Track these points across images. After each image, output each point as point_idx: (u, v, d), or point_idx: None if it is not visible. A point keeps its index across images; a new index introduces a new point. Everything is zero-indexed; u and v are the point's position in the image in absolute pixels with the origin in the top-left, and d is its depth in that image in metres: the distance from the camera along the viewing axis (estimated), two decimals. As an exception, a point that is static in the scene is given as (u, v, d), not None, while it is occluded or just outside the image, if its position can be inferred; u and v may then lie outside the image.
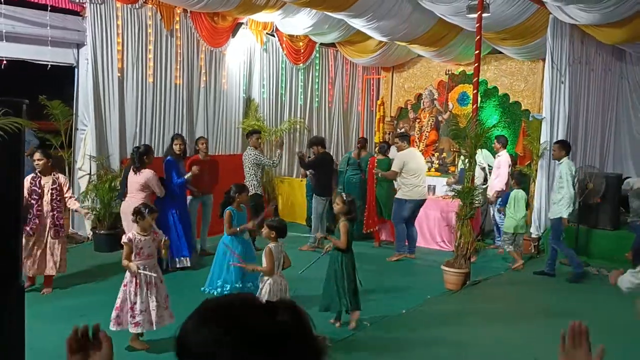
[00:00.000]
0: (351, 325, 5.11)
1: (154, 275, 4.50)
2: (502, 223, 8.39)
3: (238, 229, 5.42)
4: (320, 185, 8.19)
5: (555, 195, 7.22)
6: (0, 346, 2.78)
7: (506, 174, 8.36)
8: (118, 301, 4.49)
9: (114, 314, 4.46)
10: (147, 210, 4.68)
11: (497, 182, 8.46)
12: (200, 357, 0.94)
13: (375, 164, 8.36)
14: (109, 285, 6.13)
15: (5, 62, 7.02)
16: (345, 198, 5.32)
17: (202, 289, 5.38)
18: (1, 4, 6.79)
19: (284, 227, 4.79)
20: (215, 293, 5.24)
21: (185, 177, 6.84)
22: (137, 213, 4.66)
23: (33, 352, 3.25)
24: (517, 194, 7.64)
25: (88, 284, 6.18)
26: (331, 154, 9.56)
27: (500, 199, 8.17)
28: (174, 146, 7.04)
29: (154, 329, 4.49)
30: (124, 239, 4.55)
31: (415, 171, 7.71)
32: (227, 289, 5.23)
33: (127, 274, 4.53)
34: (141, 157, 6.43)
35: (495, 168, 8.53)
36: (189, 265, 6.81)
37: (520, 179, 7.84)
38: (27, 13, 7.12)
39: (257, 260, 5.38)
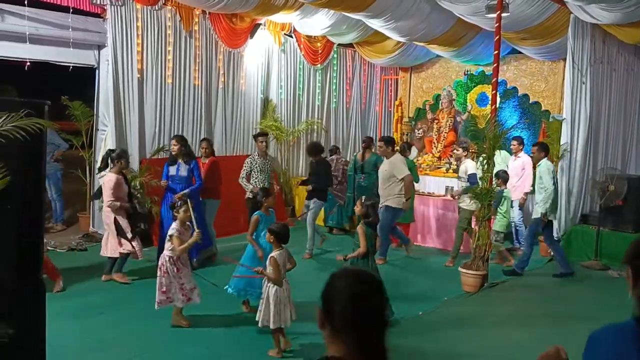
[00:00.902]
0: None
1: None
2: (521, 225, 8.28)
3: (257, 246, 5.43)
4: (316, 190, 7.68)
5: (537, 196, 7.26)
6: (22, 342, 2.83)
7: (531, 176, 8.23)
8: (162, 286, 4.93)
9: (162, 296, 4.91)
10: (179, 204, 5.18)
11: (525, 184, 8.27)
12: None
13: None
14: (127, 285, 6.23)
15: (29, 63, 7.16)
16: (364, 202, 5.35)
17: (225, 287, 5.42)
18: (25, 6, 6.91)
19: (285, 233, 4.66)
20: (237, 294, 5.36)
21: (177, 195, 6.54)
22: (172, 207, 5.22)
23: (52, 349, 3.30)
24: (508, 193, 7.65)
25: (106, 282, 6.26)
26: (342, 155, 9.44)
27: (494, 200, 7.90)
28: (172, 147, 6.97)
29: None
30: (172, 231, 5.02)
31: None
32: (250, 292, 5.28)
33: (167, 262, 4.94)
34: (105, 160, 6.51)
35: (518, 169, 8.31)
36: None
37: (506, 178, 7.82)
38: (50, 15, 7.25)
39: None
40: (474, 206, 7.07)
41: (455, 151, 8.20)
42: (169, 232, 5.06)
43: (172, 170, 6.84)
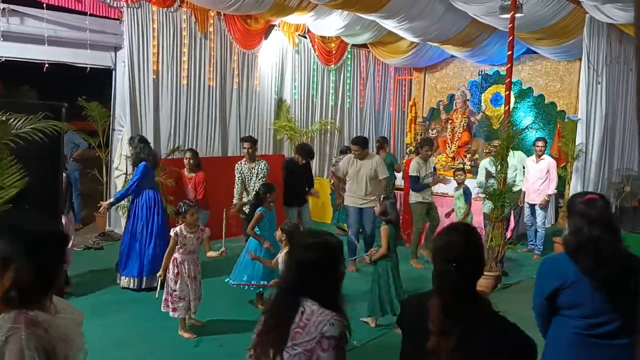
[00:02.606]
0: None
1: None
2: (542, 228, 8.15)
3: (263, 242, 5.44)
4: (288, 194, 7.28)
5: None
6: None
7: (556, 178, 8.10)
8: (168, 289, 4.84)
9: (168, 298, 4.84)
10: (184, 206, 4.89)
11: (549, 187, 8.02)
12: None
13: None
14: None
15: (47, 65, 7.29)
16: (382, 200, 5.40)
17: (226, 280, 5.48)
18: (44, 9, 7.04)
19: (297, 232, 4.65)
20: (237, 286, 5.40)
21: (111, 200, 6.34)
22: (178, 213, 4.96)
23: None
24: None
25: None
26: None
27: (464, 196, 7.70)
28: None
29: (192, 315, 4.96)
30: (171, 232, 4.86)
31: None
32: (253, 283, 5.32)
33: (170, 266, 4.82)
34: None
35: (542, 172, 7.98)
36: (134, 287, 5.97)
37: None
38: (68, 18, 7.37)
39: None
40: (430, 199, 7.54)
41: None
42: (170, 232, 4.91)
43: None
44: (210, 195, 7.30)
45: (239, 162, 7.03)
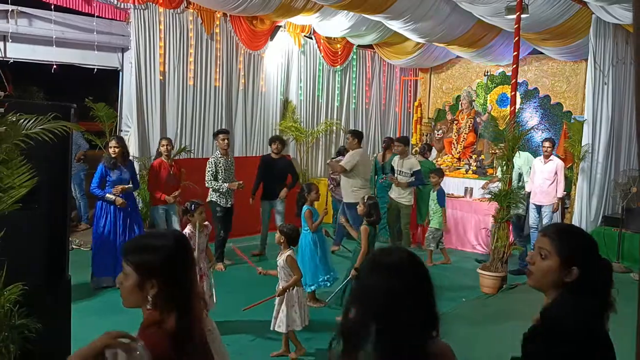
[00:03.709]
0: None
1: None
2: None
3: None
4: (263, 189, 7.55)
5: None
6: (49, 336, 2.94)
7: (564, 180, 8.03)
8: None
9: None
10: (192, 206, 4.90)
11: (558, 188, 7.94)
12: None
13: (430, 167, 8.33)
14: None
15: (55, 66, 7.34)
16: (366, 200, 5.38)
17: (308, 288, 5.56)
18: (52, 11, 7.09)
19: (296, 234, 4.65)
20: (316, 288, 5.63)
21: (107, 196, 6.08)
22: (185, 212, 4.94)
23: (76, 343, 3.39)
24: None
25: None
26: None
27: (437, 198, 7.83)
28: (108, 149, 6.32)
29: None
30: None
31: (363, 173, 7.54)
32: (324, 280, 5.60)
33: None
34: None
35: (549, 173, 7.91)
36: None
37: (441, 174, 7.96)
38: (75, 19, 7.42)
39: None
40: (412, 202, 7.75)
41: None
42: None
43: (114, 175, 6.22)
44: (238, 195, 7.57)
45: (214, 157, 7.17)
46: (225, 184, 7.03)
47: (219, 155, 7.13)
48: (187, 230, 4.89)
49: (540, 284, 1.92)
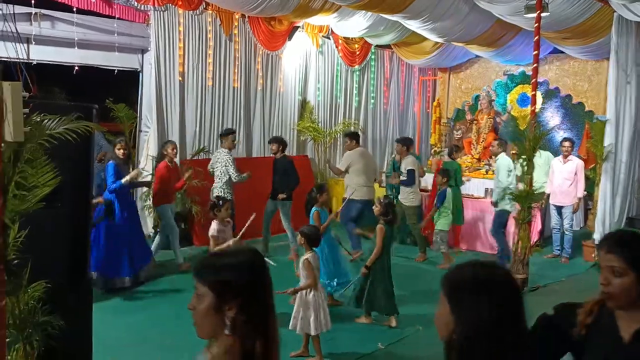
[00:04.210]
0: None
1: None
2: (570, 232, 7.96)
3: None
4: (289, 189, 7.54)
5: (502, 188, 7.39)
6: (71, 334, 2.98)
7: (583, 179, 7.96)
8: None
9: None
10: (220, 202, 5.23)
11: (577, 187, 7.88)
12: None
13: (442, 167, 8.27)
14: (170, 280, 6.41)
15: (77, 67, 7.45)
16: (382, 200, 5.36)
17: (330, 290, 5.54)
18: (74, 13, 7.20)
19: (316, 235, 4.63)
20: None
21: (123, 180, 6.14)
22: (213, 207, 5.22)
23: (97, 341, 3.44)
24: (450, 191, 7.74)
25: (147, 280, 6.42)
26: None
27: (436, 198, 7.82)
28: (116, 150, 6.45)
29: None
30: (212, 232, 5.08)
31: (360, 171, 7.61)
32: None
33: None
34: None
35: (569, 173, 7.87)
36: (127, 285, 6.03)
37: (450, 176, 7.87)
38: (96, 21, 7.53)
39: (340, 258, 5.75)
40: (418, 202, 7.86)
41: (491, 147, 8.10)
42: (209, 233, 5.15)
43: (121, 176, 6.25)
44: (247, 197, 7.72)
45: (228, 157, 7.26)
46: (244, 174, 7.21)
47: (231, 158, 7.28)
48: (214, 225, 5.12)
49: (624, 302, 1.75)
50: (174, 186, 6.94)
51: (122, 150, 6.41)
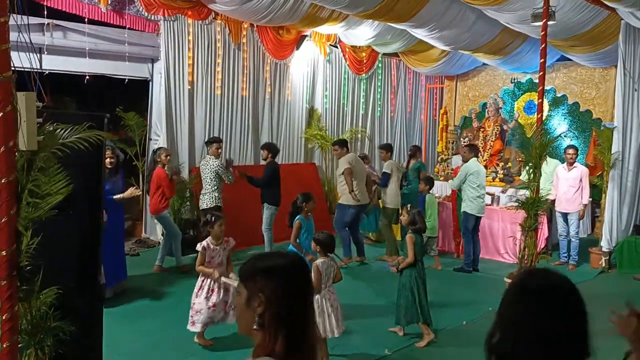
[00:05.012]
0: (420, 344, 5.05)
1: (234, 282, 4.50)
2: (576, 239, 7.96)
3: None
4: (272, 193, 7.52)
5: (466, 192, 7.66)
6: (82, 340, 3.03)
7: (588, 187, 7.96)
8: (193, 305, 4.82)
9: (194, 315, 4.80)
10: (213, 218, 4.94)
11: (583, 195, 7.87)
12: None
13: (426, 175, 8.49)
14: (178, 288, 6.46)
15: (88, 77, 7.56)
16: (410, 209, 5.37)
17: None
18: (85, 24, 7.32)
19: (330, 241, 4.63)
20: None
21: (115, 197, 5.93)
22: (205, 223, 4.97)
23: (107, 346, 3.50)
24: (431, 198, 7.87)
25: (157, 286, 6.51)
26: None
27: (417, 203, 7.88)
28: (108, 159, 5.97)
29: (215, 324, 4.86)
30: (199, 247, 4.85)
31: (355, 177, 7.64)
32: None
33: (199, 279, 4.85)
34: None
35: (574, 180, 7.86)
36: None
37: (431, 183, 8.02)
38: (107, 31, 7.64)
39: None
40: (395, 204, 8.00)
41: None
42: (197, 247, 4.93)
43: (108, 185, 5.78)
44: (244, 203, 7.62)
45: (217, 162, 7.28)
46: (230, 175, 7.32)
47: (219, 163, 7.36)
48: (204, 242, 4.88)
49: None
50: (170, 193, 6.98)
51: (108, 159, 5.94)
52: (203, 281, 4.85)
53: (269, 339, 1.55)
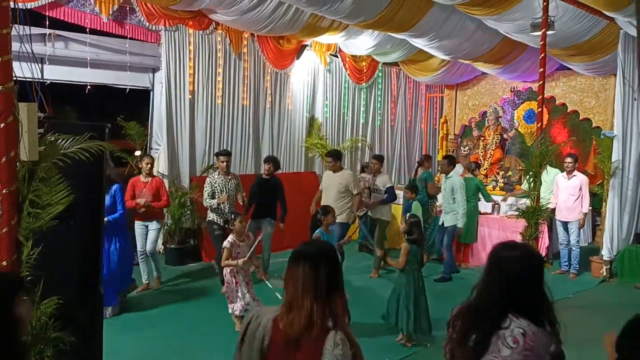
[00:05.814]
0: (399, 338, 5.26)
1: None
2: (577, 248, 7.96)
3: None
4: (253, 209, 7.21)
5: (448, 205, 7.70)
6: (82, 350, 3.02)
7: (588, 195, 7.96)
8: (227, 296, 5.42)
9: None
10: (232, 216, 5.69)
11: (582, 203, 7.85)
12: None
13: (410, 183, 8.46)
14: (179, 297, 6.45)
15: (89, 87, 7.59)
16: (408, 219, 5.39)
17: None
18: (87, 34, 7.35)
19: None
20: None
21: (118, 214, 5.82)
22: (226, 222, 5.72)
23: (107, 356, 3.48)
24: (417, 205, 7.70)
25: (157, 296, 6.50)
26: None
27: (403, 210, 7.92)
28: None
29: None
30: (226, 243, 5.37)
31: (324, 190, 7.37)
32: None
33: (227, 274, 5.37)
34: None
35: (574, 189, 7.85)
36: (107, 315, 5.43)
37: (415, 190, 7.90)
38: (109, 41, 7.67)
39: None
40: (388, 217, 7.91)
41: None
42: (223, 244, 5.43)
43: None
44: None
45: (211, 176, 7.06)
46: (214, 200, 6.82)
47: (216, 175, 7.03)
48: (229, 237, 5.41)
49: None
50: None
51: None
52: (235, 276, 5.32)
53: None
